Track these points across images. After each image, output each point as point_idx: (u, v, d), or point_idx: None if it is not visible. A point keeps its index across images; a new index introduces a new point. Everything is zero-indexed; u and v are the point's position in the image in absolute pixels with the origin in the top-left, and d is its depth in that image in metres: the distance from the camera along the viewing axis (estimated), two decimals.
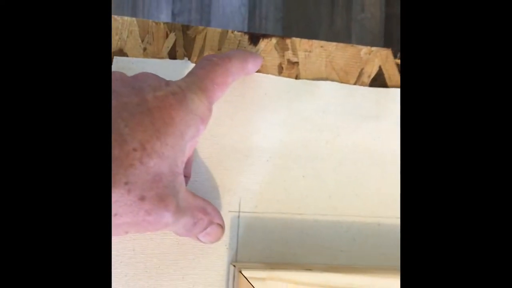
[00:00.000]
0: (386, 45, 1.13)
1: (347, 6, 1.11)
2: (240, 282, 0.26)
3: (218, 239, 0.27)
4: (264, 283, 0.26)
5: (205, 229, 0.26)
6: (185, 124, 0.24)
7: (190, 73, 0.26)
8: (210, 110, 0.25)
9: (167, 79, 0.28)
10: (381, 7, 1.13)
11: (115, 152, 0.21)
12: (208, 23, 1.08)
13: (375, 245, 0.31)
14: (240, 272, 0.26)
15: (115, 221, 0.21)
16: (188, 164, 0.28)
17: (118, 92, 0.23)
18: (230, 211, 0.29)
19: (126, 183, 0.21)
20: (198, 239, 0.27)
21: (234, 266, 0.28)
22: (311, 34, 1.03)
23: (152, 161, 0.22)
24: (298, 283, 0.27)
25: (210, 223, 0.26)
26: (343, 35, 1.07)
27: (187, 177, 0.28)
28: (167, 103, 0.23)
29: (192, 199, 0.25)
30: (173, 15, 1.08)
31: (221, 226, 0.27)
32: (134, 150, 0.21)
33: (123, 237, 0.28)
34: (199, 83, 0.25)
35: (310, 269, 0.27)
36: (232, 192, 0.30)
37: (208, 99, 0.25)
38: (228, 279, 0.29)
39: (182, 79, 0.25)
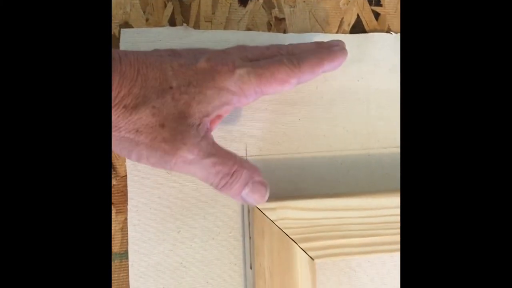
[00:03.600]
0: None
1: None
2: (254, 214, 0.31)
3: (263, 197, 0.28)
4: (275, 212, 0.31)
5: (246, 184, 0.27)
6: (224, 88, 0.26)
7: (258, 59, 0.27)
8: (255, 93, 0.27)
9: (171, 43, 0.32)
10: None
11: (155, 84, 0.25)
12: None
13: (367, 172, 0.35)
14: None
15: (136, 137, 0.25)
16: None
17: (180, 53, 0.27)
18: None
19: (153, 107, 0.25)
20: (243, 199, 0.28)
21: None
22: None
23: (183, 99, 0.25)
24: (303, 209, 0.31)
25: (251, 178, 0.27)
26: None
27: None
28: (214, 69, 0.26)
29: (223, 150, 0.27)
30: None
31: (264, 184, 0.28)
32: (170, 87, 0.25)
33: (149, 187, 0.32)
34: (258, 69, 0.27)
35: (313, 197, 0.32)
36: (238, 139, 0.34)
37: (258, 84, 0.27)
38: (243, 215, 0.33)
39: (245, 58, 0.27)
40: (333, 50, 0.30)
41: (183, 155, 0.25)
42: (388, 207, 0.32)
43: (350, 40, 0.35)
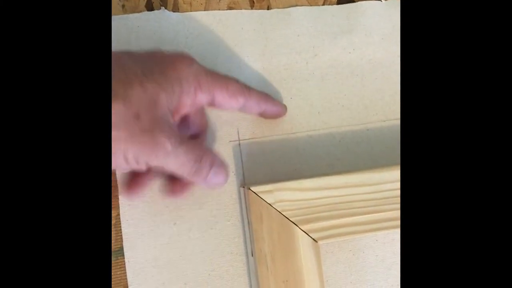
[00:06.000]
0: None
1: None
2: (250, 199, 0.29)
3: (226, 177, 0.28)
4: (272, 194, 0.29)
5: (212, 167, 0.27)
6: (184, 77, 0.26)
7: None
8: (209, 93, 0.27)
9: (150, 28, 0.30)
10: None
11: (120, 75, 0.24)
12: None
13: (367, 148, 0.33)
14: (249, 189, 0.29)
15: (113, 133, 0.23)
16: (201, 120, 0.30)
17: (139, 53, 0.27)
18: (230, 141, 0.32)
19: (124, 98, 0.24)
20: (207, 183, 0.28)
21: (244, 187, 0.31)
22: None
23: (151, 86, 0.25)
24: (302, 189, 0.30)
25: (213, 162, 0.28)
26: None
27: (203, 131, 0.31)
28: (175, 58, 0.27)
29: (191, 141, 0.27)
30: None
31: (223, 165, 0.28)
32: (135, 74, 0.24)
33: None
34: (215, 74, 0.28)
35: (311, 177, 0.30)
36: (229, 123, 0.32)
37: (213, 85, 0.27)
38: (240, 201, 0.32)
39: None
40: (277, 101, 0.32)
41: (164, 147, 0.25)
42: (391, 181, 0.30)
43: (338, 12, 0.34)
